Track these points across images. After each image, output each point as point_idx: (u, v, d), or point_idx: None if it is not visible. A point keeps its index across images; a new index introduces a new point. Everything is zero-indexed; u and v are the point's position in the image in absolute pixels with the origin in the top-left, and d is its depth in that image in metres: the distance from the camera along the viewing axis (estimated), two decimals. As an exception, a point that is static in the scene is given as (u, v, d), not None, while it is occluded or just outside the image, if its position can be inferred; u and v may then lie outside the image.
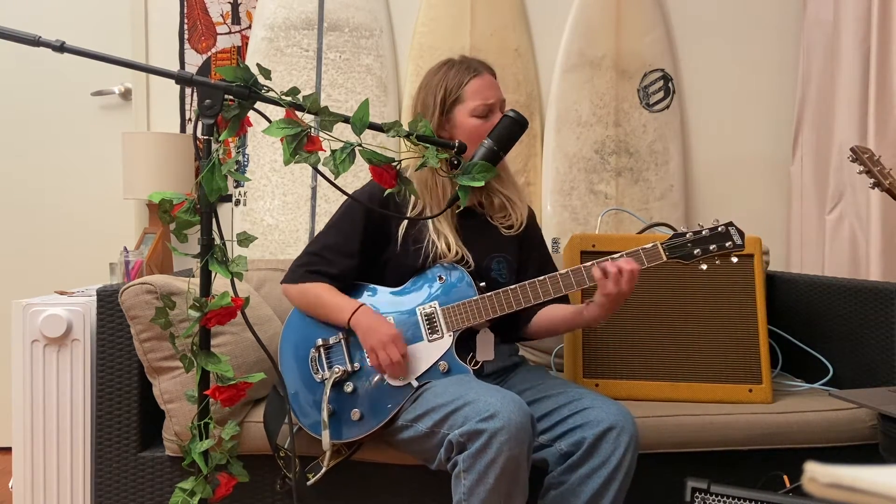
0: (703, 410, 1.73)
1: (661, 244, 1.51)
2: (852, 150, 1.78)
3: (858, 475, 0.41)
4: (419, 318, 1.57)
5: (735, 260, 1.51)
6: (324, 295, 1.59)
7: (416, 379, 1.52)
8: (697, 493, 1.36)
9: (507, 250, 1.68)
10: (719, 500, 1.35)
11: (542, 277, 1.53)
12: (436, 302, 1.56)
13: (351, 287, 1.63)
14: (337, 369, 1.54)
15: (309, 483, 1.52)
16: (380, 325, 1.52)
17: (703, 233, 1.50)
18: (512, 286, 1.54)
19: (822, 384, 1.90)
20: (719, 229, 1.50)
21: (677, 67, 2.65)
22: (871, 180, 1.75)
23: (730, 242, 1.49)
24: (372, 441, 1.58)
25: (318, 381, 1.56)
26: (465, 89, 1.61)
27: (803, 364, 2.00)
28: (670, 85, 2.60)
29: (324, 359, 1.57)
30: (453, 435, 1.36)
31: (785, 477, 1.52)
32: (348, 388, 1.53)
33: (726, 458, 1.70)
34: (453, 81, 1.62)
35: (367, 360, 1.55)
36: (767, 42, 2.70)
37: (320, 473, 1.52)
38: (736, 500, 1.34)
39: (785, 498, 1.32)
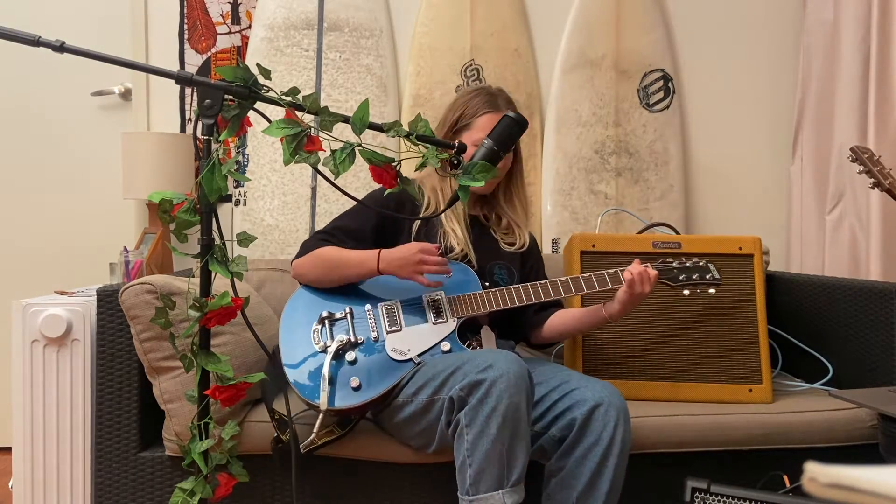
0: (703, 410, 1.73)
1: (652, 265, 1.66)
2: (852, 150, 1.78)
3: (858, 475, 0.41)
4: (424, 303, 1.63)
5: (712, 291, 1.70)
6: (342, 252, 1.63)
7: (418, 355, 1.55)
8: (697, 493, 1.36)
9: (508, 260, 1.76)
10: (719, 500, 1.35)
11: (552, 279, 1.64)
12: (442, 291, 1.63)
13: None
14: (342, 337, 1.56)
15: (302, 450, 1.52)
16: (403, 254, 1.56)
17: (688, 264, 1.69)
18: (515, 286, 1.63)
19: (822, 384, 1.90)
20: (700, 263, 1.69)
21: (677, 67, 2.65)
22: (871, 180, 1.75)
23: (710, 275, 1.68)
24: (373, 439, 1.58)
25: (320, 350, 1.56)
26: (477, 120, 1.70)
27: (803, 364, 2.00)
28: (670, 85, 2.60)
29: (327, 331, 1.59)
30: (454, 391, 1.38)
31: (785, 477, 1.52)
32: (350, 357, 1.55)
33: (726, 458, 1.70)
34: (472, 109, 1.72)
35: (372, 334, 1.58)
36: (767, 42, 2.70)
37: (310, 439, 1.53)
38: (736, 500, 1.34)
39: (785, 498, 1.32)
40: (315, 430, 1.52)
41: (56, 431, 1.77)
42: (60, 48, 1.14)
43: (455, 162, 1.53)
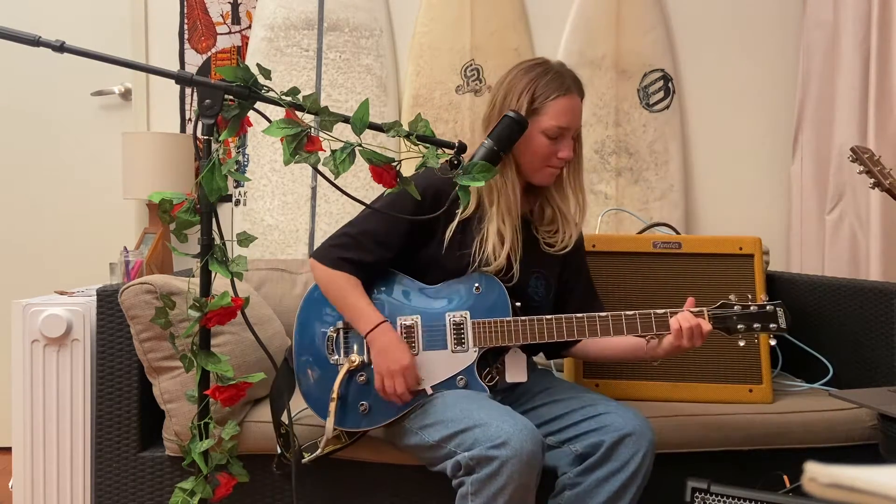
0: (703, 410, 1.73)
1: (708, 311, 1.48)
2: (852, 150, 1.78)
3: (858, 475, 0.41)
4: (447, 324, 1.52)
5: (773, 343, 1.52)
6: (350, 295, 1.52)
7: (432, 387, 1.50)
8: (697, 493, 1.36)
9: (547, 268, 1.62)
10: (719, 500, 1.35)
11: (590, 315, 1.50)
12: (467, 312, 1.52)
13: (384, 274, 1.57)
14: (354, 358, 1.51)
15: (303, 461, 1.52)
16: (393, 352, 1.47)
17: (752, 308, 1.47)
18: (552, 316, 1.50)
19: (822, 384, 1.90)
20: (767, 308, 1.47)
21: (677, 67, 2.65)
22: (871, 180, 1.75)
23: (774, 324, 1.47)
24: (373, 441, 1.58)
25: (332, 363, 1.53)
26: (550, 104, 1.52)
27: (803, 364, 2.00)
28: (670, 85, 2.60)
29: (341, 342, 1.54)
30: (462, 456, 1.34)
31: (785, 477, 1.52)
32: (361, 378, 1.51)
33: (726, 458, 1.70)
34: (542, 91, 1.52)
35: None
36: (767, 42, 2.69)
37: (315, 454, 1.51)
38: (736, 500, 1.34)
39: (785, 498, 1.32)
40: (321, 447, 1.51)
41: (56, 431, 1.77)
42: (60, 48, 1.14)
43: (455, 162, 1.52)
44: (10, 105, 2.69)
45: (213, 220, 1.21)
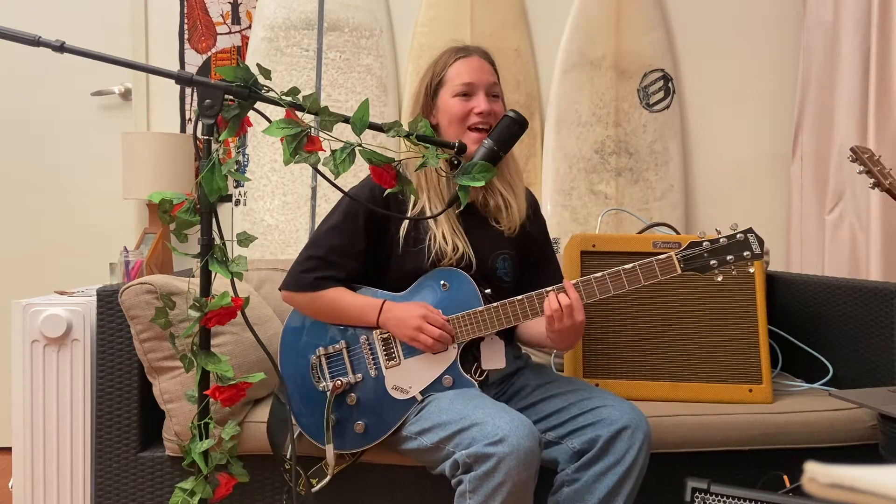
0: (703, 410, 1.73)
1: (676, 255, 1.44)
2: (852, 150, 1.78)
3: (858, 475, 0.41)
4: None
5: (752, 270, 1.41)
6: (340, 299, 1.53)
7: (420, 392, 1.50)
8: (697, 493, 1.36)
9: (510, 247, 1.62)
10: (719, 500, 1.35)
11: (558, 286, 1.48)
12: (439, 311, 1.51)
13: (353, 290, 1.58)
14: (339, 381, 1.51)
15: (314, 490, 1.52)
16: (405, 315, 1.48)
17: (721, 241, 1.43)
18: (518, 297, 1.49)
19: (822, 384, 1.90)
20: (738, 237, 1.42)
21: (677, 67, 2.65)
22: (871, 180, 1.75)
23: (748, 252, 1.42)
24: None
25: (321, 389, 1.53)
26: (449, 71, 1.59)
27: (803, 364, 2.00)
28: (670, 85, 2.60)
29: (325, 367, 1.54)
30: (460, 455, 1.34)
31: (785, 477, 1.52)
32: (350, 399, 1.51)
33: (726, 458, 1.70)
34: (440, 65, 1.61)
35: (370, 371, 1.52)
36: (767, 42, 2.70)
37: (325, 481, 1.52)
38: (736, 500, 1.34)
39: (785, 498, 1.32)
40: (329, 473, 1.52)
41: (56, 431, 1.77)
42: (60, 48, 1.14)
43: (455, 162, 1.52)
44: (11, 105, 2.69)
45: (213, 220, 1.21)
